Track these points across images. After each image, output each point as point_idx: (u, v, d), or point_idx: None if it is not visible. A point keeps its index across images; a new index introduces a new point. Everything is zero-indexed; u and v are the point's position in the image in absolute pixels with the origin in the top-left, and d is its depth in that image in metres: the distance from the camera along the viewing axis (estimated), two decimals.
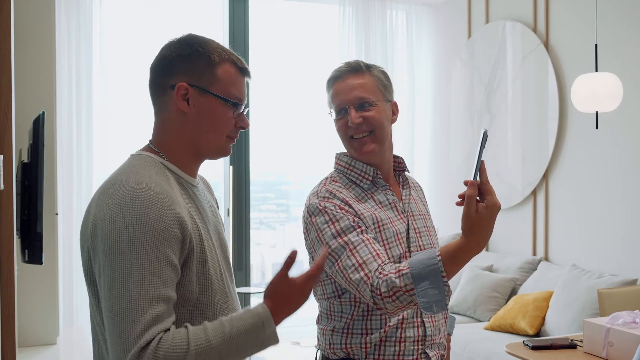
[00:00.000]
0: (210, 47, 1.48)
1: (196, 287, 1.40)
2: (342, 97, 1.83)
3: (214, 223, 1.54)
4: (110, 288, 1.29)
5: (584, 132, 4.60)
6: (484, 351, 4.10)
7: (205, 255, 1.41)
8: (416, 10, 6.22)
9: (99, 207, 1.35)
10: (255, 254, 6.38)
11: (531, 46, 5.04)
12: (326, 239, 1.73)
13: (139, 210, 1.31)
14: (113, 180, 1.39)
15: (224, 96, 1.47)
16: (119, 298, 1.28)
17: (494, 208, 1.56)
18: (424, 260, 1.59)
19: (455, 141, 5.87)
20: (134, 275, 1.29)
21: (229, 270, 1.54)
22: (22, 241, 2.52)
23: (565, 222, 4.80)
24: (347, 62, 1.88)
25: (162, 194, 1.35)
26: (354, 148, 1.84)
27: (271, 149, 6.23)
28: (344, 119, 1.83)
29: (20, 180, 2.52)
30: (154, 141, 1.50)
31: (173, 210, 1.34)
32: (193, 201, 1.47)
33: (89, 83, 5.14)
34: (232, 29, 5.72)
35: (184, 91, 1.45)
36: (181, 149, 1.48)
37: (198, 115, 1.46)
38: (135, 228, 1.30)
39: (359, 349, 1.78)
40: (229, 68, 1.49)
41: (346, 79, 1.84)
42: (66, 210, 4.99)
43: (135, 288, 1.28)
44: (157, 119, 1.51)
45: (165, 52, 1.48)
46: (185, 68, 1.45)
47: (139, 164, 1.42)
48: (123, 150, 5.54)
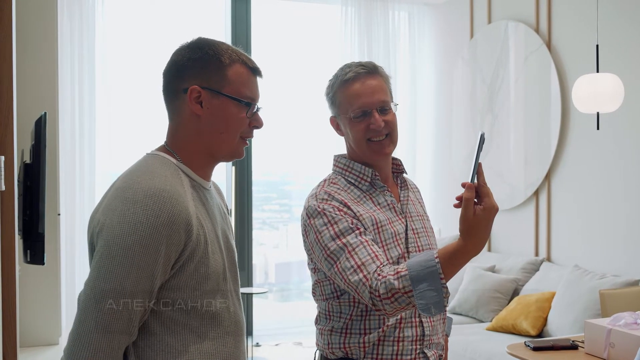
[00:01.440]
0: (221, 49, 1.49)
1: (193, 289, 1.41)
2: (364, 99, 1.81)
3: (222, 227, 1.55)
4: (105, 278, 1.33)
5: (586, 133, 4.59)
6: (486, 352, 4.09)
7: (207, 259, 1.42)
8: (418, 10, 6.22)
9: (112, 199, 1.38)
10: (258, 254, 6.39)
11: (533, 46, 5.03)
12: (325, 241, 1.73)
13: (150, 210, 1.33)
14: (129, 176, 1.41)
15: (237, 96, 1.48)
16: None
17: (491, 210, 1.56)
18: (422, 262, 1.60)
19: (457, 141, 5.87)
20: (132, 275, 1.32)
21: (233, 273, 1.55)
22: (24, 241, 2.53)
23: (568, 222, 4.80)
24: (360, 63, 1.86)
25: (175, 197, 1.36)
26: (373, 150, 1.84)
27: (274, 149, 6.24)
28: (365, 122, 1.82)
29: (22, 180, 2.53)
30: (169, 143, 1.51)
31: (183, 214, 1.36)
32: (203, 204, 1.48)
33: (91, 83, 5.15)
34: (235, 29, 5.72)
35: (197, 94, 1.46)
36: (196, 151, 1.49)
37: (212, 117, 1.47)
38: (144, 228, 1.32)
39: (358, 349, 1.79)
40: (240, 68, 1.50)
41: (365, 80, 1.83)
42: (68, 210, 4.99)
43: (130, 287, 1.32)
44: (172, 122, 1.52)
45: (177, 57, 1.50)
46: (197, 71, 1.47)
47: (155, 164, 1.43)
48: (125, 151, 5.55)
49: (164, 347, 1.39)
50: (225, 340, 1.47)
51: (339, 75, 1.86)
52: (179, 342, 1.40)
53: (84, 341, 1.30)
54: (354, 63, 1.87)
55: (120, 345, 1.33)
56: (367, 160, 1.86)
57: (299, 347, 5.68)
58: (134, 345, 1.38)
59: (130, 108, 5.35)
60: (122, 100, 5.35)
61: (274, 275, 6.78)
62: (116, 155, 5.20)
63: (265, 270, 6.70)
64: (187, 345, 1.40)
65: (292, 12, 6.24)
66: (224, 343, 1.46)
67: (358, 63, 1.86)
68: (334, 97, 1.87)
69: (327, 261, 1.73)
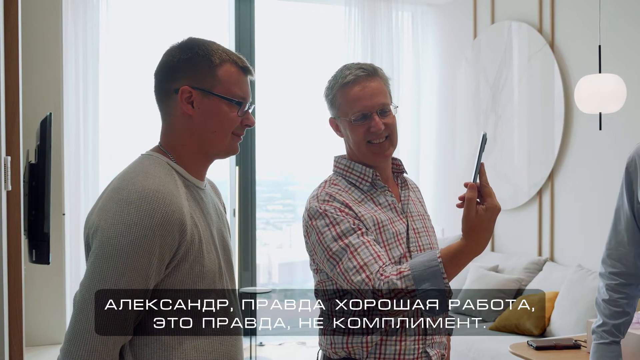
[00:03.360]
0: (211, 49, 1.50)
1: (188, 288, 1.42)
2: (364, 102, 1.82)
3: (218, 226, 1.57)
4: (100, 279, 1.35)
5: (588, 133, 4.60)
6: (489, 351, 4.10)
7: (202, 258, 1.44)
8: (422, 10, 6.23)
9: (106, 200, 1.39)
10: (262, 254, 6.40)
11: (537, 47, 5.04)
12: (327, 241, 1.74)
13: (144, 210, 1.34)
14: (123, 177, 1.42)
15: (227, 96, 1.49)
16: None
17: (493, 210, 1.58)
18: (425, 261, 1.61)
19: (460, 142, 5.87)
20: (126, 276, 1.33)
21: (230, 272, 1.57)
22: (29, 241, 2.55)
23: (571, 222, 4.80)
24: (359, 65, 1.87)
25: (168, 197, 1.37)
26: (374, 152, 1.84)
27: (277, 149, 6.25)
28: (365, 124, 1.82)
29: (28, 181, 2.54)
30: (162, 143, 1.53)
31: (177, 214, 1.37)
32: (197, 203, 1.49)
33: (95, 84, 5.17)
34: (238, 29, 5.74)
35: (188, 94, 1.48)
36: (189, 151, 1.51)
37: (203, 117, 1.48)
38: (137, 228, 1.33)
39: (360, 349, 1.80)
40: (230, 68, 1.51)
41: (365, 83, 1.83)
42: (73, 210, 5.02)
43: (124, 287, 1.34)
44: (164, 123, 1.53)
45: (167, 58, 1.51)
46: (187, 72, 1.48)
47: (148, 164, 1.45)
48: (129, 151, 5.58)
49: (160, 345, 1.40)
50: (222, 338, 1.48)
51: (338, 77, 1.86)
52: (175, 340, 1.41)
53: (80, 341, 1.32)
54: (353, 65, 1.87)
55: (116, 344, 1.35)
56: (368, 162, 1.87)
57: (303, 347, 5.69)
58: (130, 343, 1.40)
59: (133, 108, 5.36)
60: (125, 101, 5.37)
61: (277, 276, 6.78)
62: (120, 155, 5.22)
63: (269, 270, 6.70)
64: (182, 342, 1.42)
65: (296, 12, 6.25)
66: (221, 341, 1.48)
67: (358, 65, 1.86)
68: (333, 99, 1.87)
69: (329, 262, 1.74)
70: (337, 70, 1.90)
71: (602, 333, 2.14)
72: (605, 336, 2.13)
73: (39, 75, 3.42)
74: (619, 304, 2.13)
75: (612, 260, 2.16)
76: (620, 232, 2.12)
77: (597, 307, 2.21)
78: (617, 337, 2.14)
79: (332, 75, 1.90)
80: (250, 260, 5.77)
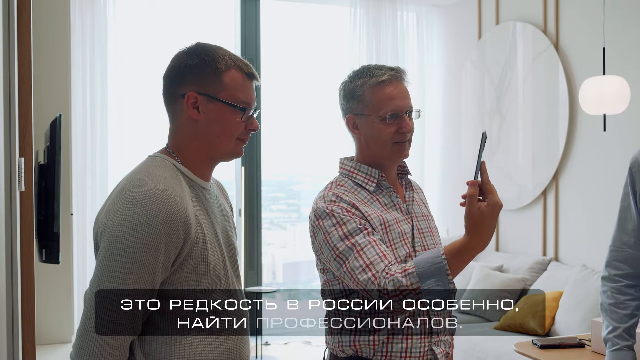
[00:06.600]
0: (217, 55, 1.54)
1: (193, 285, 1.46)
2: (398, 102, 1.86)
3: (223, 225, 1.60)
4: (108, 277, 1.38)
5: (593, 134, 4.61)
6: (494, 350, 4.13)
7: (207, 256, 1.48)
8: (427, 11, 6.24)
9: (114, 201, 1.44)
10: (267, 254, 6.42)
11: (541, 47, 5.05)
12: (334, 241, 1.77)
13: (149, 210, 1.39)
14: (130, 178, 1.47)
15: (232, 102, 1.53)
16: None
17: (495, 207, 1.61)
18: (429, 259, 1.64)
19: (465, 142, 5.89)
20: (134, 273, 1.37)
21: (235, 271, 1.61)
22: (39, 241, 2.58)
23: (576, 222, 4.82)
24: (389, 66, 1.90)
25: (173, 197, 1.42)
26: (397, 151, 1.88)
27: (283, 149, 6.27)
28: (396, 124, 1.86)
29: (37, 181, 2.57)
30: (169, 145, 1.57)
31: (181, 213, 1.42)
32: (202, 204, 1.53)
33: (103, 85, 5.20)
34: (244, 30, 5.76)
35: (194, 100, 1.52)
36: (194, 153, 1.55)
37: (208, 122, 1.53)
38: (143, 227, 1.38)
39: (367, 347, 1.82)
40: (235, 74, 1.54)
41: (398, 84, 1.88)
42: (81, 210, 5.05)
43: (132, 284, 1.38)
44: (172, 125, 1.58)
45: (175, 63, 1.55)
46: (194, 77, 1.52)
47: (154, 166, 1.49)
48: (137, 151, 5.61)
49: (167, 340, 1.45)
50: (228, 335, 1.52)
51: (369, 75, 1.87)
52: (181, 335, 1.46)
53: (91, 337, 1.36)
54: (384, 66, 1.90)
55: (126, 340, 1.40)
56: (385, 162, 1.90)
57: (308, 346, 5.72)
58: (139, 339, 1.44)
59: (141, 109, 5.40)
60: (133, 102, 5.41)
61: (282, 275, 6.80)
62: (127, 156, 5.26)
63: (273, 270, 6.72)
64: (188, 338, 1.46)
65: (301, 13, 6.27)
66: (226, 339, 1.52)
67: (389, 67, 1.90)
68: (361, 96, 1.88)
69: (336, 261, 1.76)
70: (359, 69, 1.92)
71: (614, 339, 2.08)
72: (617, 342, 2.07)
73: (48, 77, 3.45)
74: (627, 305, 2.09)
75: (617, 262, 2.13)
76: (627, 233, 2.10)
77: (603, 313, 2.16)
78: (630, 342, 2.08)
79: (354, 73, 1.91)
80: (255, 259, 5.80)
